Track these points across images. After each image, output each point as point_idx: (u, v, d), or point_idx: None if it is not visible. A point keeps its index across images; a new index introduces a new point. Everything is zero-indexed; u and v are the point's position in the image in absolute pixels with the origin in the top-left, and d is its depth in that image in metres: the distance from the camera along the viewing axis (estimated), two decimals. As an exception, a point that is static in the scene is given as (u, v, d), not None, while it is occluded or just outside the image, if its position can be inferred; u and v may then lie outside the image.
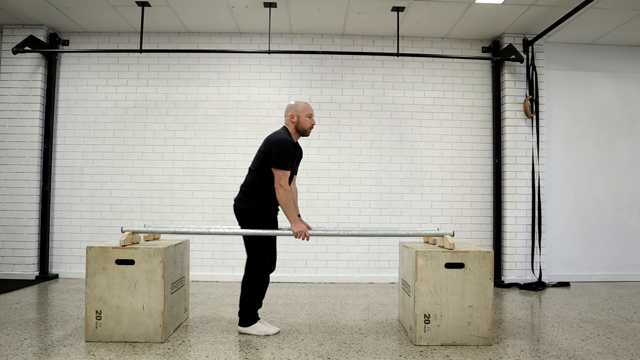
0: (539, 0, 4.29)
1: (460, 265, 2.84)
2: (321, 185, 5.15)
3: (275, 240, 3.20)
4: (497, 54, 5.18)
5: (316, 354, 2.67)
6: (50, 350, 2.65)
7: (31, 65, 5.03)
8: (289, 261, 5.07)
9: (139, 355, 2.60)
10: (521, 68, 5.10)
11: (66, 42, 5.19)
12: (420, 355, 2.66)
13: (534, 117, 5.05)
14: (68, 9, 4.62)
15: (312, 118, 3.09)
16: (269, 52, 4.83)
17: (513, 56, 4.79)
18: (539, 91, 5.08)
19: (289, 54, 5.17)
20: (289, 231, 2.94)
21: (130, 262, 2.82)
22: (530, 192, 5.05)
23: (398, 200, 5.19)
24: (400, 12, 4.63)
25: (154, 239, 3.30)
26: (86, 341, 2.80)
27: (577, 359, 2.62)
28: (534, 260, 4.98)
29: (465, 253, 2.85)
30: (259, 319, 3.06)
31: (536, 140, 5.05)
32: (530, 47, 5.04)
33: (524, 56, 5.05)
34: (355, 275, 5.11)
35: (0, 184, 5.00)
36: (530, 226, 5.02)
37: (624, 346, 2.86)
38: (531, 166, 5.06)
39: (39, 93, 5.03)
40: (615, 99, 5.35)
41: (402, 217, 5.18)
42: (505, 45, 5.04)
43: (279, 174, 2.89)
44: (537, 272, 4.96)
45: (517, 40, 5.09)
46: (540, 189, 5.03)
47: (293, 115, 3.05)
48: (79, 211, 5.13)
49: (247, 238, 2.99)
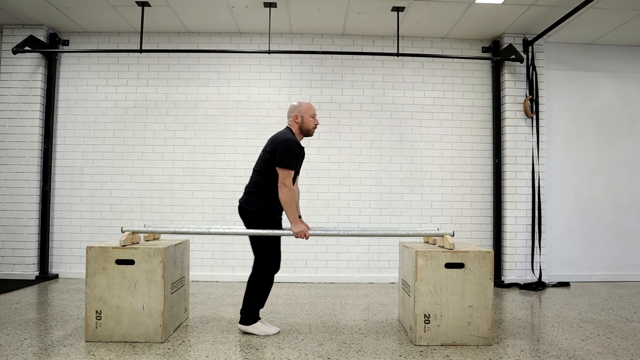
0: (539, 0, 4.29)
1: (460, 265, 2.84)
2: (321, 185, 5.15)
3: (280, 241, 3.20)
4: (497, 54, 5.18)
5: (316, 354, 2.67)
6: (50, 350, 2.65)
7: (31, 65, 5.03)
8: (289, 261, 5.07)
9: (139, 355, 2.60)
10: (521, 68, 5.10)
11: (66, 42, 5.19)
12: (420, 355, 2.66)
13: (534, 117, 5.05)
14: (68, 9, 4.63)
15: (316, 118, 3.12)
16: (269, 52, 4.83)
17: (513, 56, 4.79)
18: (539, 91, 5.08)
19: (289, 54, 5.17)
20: (289, 231, 2.94)
21: (130, 262, 2.82)
22: (530, 192, 5.05)
23: (398, 200, 5.19)
24: (400, 12, 4.63)
25: (154, 239, 3.30)
26: (86, 341, 2.81)
27: (577, 359, 2.62)
28: (534, 260, 4.98)
29: (465, 253, 2.85)
30: (260, 318, 3.07)
31: (536, 140, 5.05)
32: (530, 47, 5.04)
33: (524, 56, 5.05)
34: (355, 275, 5.11)
35: (0, 184, 5.00)
36: (530, 226, 5.02)
37: (624, 346, 2.86)
38: (531, 166, 5.06)
39: (39, 93, 5.03)
40: (615, 99, 5.35)
41: (402, 217, 5.18)
42: (505, 45, 5.04)
43: (283, 173, 2.89)
44: (537, 272, 4.96)
45: (517, 40, 5.09)
46: (540, 189, 5.03)
47: (297, 115, 3.06)
48: (79, 211, 5.13)
49: (255, 239, 2.99)
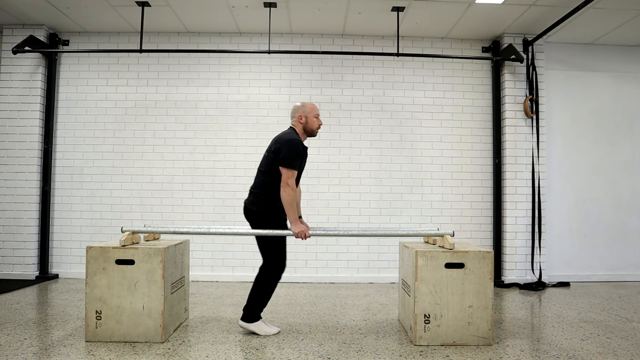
0: (539, 0, 4.29)
1: (460, 265, 2.84)
2: (321, 185, 5.15)
3: (286, 240, 3.21)
4: (497, 54, 5.18)
5: (316, 354, 2.67)
6: (50, 350, 2.65)
7: (31, 65, 5.03)
8: (289, 261, 5.07)
9: (139, 355, 2.60)
10: (521, 68, 5.10)
11: (66, 42, 5.19)
12: (420, 355, 2.66)
13: (534, 117, 5.05)
14: (68, 9, 4.63)
15: (319, 118, 3.12)
16: (269, 52, 4.83)
17: (513, 56, 4.79)
18: (539, 91, 5.08)
19: (289, 54, 5.17)
20: (289, 231, 2.94)
21: (130, 262, 2.82)
22: (530, 192, 5.05)
23: (398, 200, 5.19)
24: (400, 12, 4.63)
25: (154, 239, 3.30)
26: (86, 341, 2.80)
27: (577, 359, 2.62)
28: (534, 260, 4.98)
29: (465, 253, 2.85)
30: (261, 317, 3.07)
31: (536, 140, 5.05)
32: (530, 47, 5.04)
33: (524, 56, 5.05)
34: (355, 275, 5.11)
35: (0, 184, 5.00)
36: (530, 226, 5.02)
37: (624, 346, 2.86)
38: (531, 166, 5.06)
39: (39, 93, 5.03)
40: (615, 99, 5.35)
41: (402, 217, 5.18)
42: (505, 45, 5.04)
43: (287, 173, 2.89)
44: (537, 272, 4.96)
45: (517, 40, 5.09)
46: (540, 189, 5.03)
47: (301, 116, 3.06)
48: (79, 211, 5.13)
49: (262, 241, 2.99)
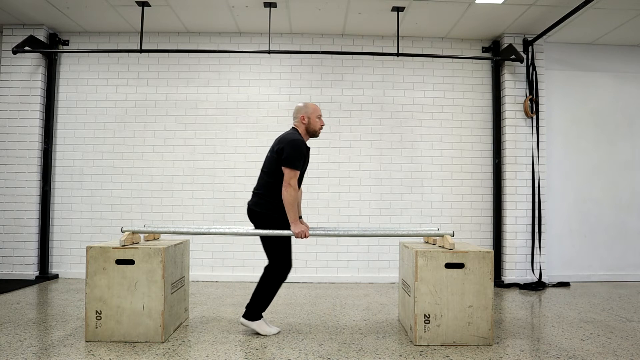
0: (539, 0, 4.29)
1: (460, 265, 2.84)
2: (321, 185, 5.15)
3: (291, 239, 3.20)
4: (497, 54, 5.18)
5: (316, 354, 2.67)
6: (50, 350, 2.65)
7: (31, 65, 5.03)
8: (289, 261, 5.06)
9: (139, 355, 2.60)
10: (521, 68, 5.10)
11: (66, 42, 5.20)
12: (420, 355, 2.66)
13: (534, 117, 5.05)
14: (68, 9, 4.63)
15: (322, 119, 3.13)
16: (269, 52, 4.83)
17: (513, 56, 4.79)
18: (539, 91, 5.08)
19: (289, 54, 5.17)
20: (289, 232, 2.94)
21: (130, 262, 2.82)
22: (530, 192, 5.05)
23: (398, 200, 5.19)
24: (400, 12, 4.63)
25: (154, 239, 3.30)
26: (86, 341, 2.80)
27: (577, 359, 2.62)
28: (534, 260, 4.98)
29: (465, 253, 2.85)
30: (262, 317, 3.07)
31: (536, 140, 5.05)
32: (530, 47, 5.04)
33: (524, 56, 5.05)
34: (355, 275, 5.11)
35: (0, 184, 5.00)
36: (530, 226, 5.02)
37: (624, 346, 2.86)
38: (531, 166, 5.06)
39: (39, 93, 5.03)
40: (615, 99, 5.35)
41: (402, 217, 5.18)
42: (505, 45, 5.04)
43: (289, 173, 2.89)
44: (537, 272, 4.96)
45: (517, 40, 5.09)
46: (540, 189, 5.03)
47: (304, 116, 3.07)
48: (79, 211, 5.13)
49: (268, 242, 2.99)
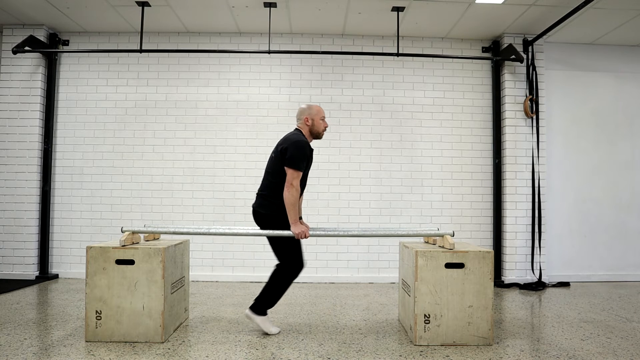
0: (539, 0, 4.29)
1: (460, 265, 2.84)
2: (321, 185, 5.15)
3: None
4: (497, 54, 5.18)
5: (316, 354, 2.67)
6: (50, 350, 2.65)
7: (31, 65, 5.03)
8: (289, 261, 5.06)
9: (139, 355, 2.60)
10: (521, 68, 5.10)
11: (66, 42, 5.19)
12: (420, 355, 2.66)
13: (534, 117, 5.05)
14: (68, 9, 4.63)
15: (325, 121, 3.13)
16: (269, 52, 4.83)
17: (513, 56, 4.79)
18: (539, 91, 5.08)
19: (289, 54, 5.17)
20: (289, 232, 2.93)
21: (130, 262, 2.82)
22: (530, 192, 5.05)
23: (398, 200, 5.19)
24: (400, 12, 4.63)
25: (154, 239, 3.30)
26: (86, 341, 2.81)
27: (577, 359, 2.62)
28: (534, 260, 4.98)
29: (465, 253, 2.85)
30: (267, 314, 3.07)
31: (536, 140, 5.05)
32: (530, 47, 5.04)
33: (524, 56, 5.05)
34: (355, 275, 5.11)
35: (0, 184, 5.00)
36: (530, 226, 5.02)
37: (624, 346, 2.86)
38: (531, 166, 5.06)
39: (39, 93, 5.03)
40: (615, 99, 5.35)
41: (402, 217, 5.18)
42: (505, 45, 5.04)
43: (292, 173, 2.88)
44: (537, 272, 4.96)
45: (517, 40, 5.09)
46: (540, 189, 5.03)
47: (307, 118, 3.07)
48: (79, 211, 5.13)
49: (276, 243, 2.99)
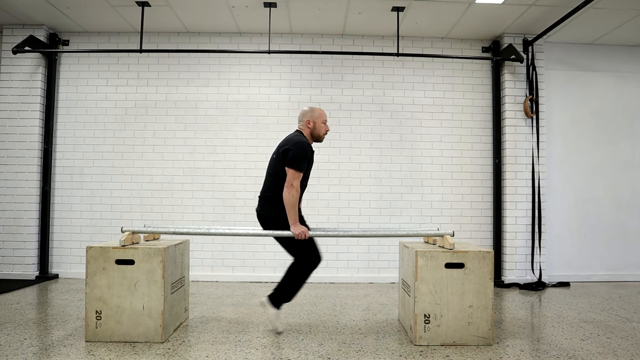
0: (539, 0, 4.29)
1: (460, 265, 2.84)
2: (321, 185, 5.15)
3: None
4: (497, 54, 5.18)
5: (316, 354, 2.67)
6: (50, 350, 2.65)
7: (31, 65, 5.03)
8: (289, 261, 5.01)
9: (139, 355, 2.60)
10: (521, 68, 5.10)
11: (66, 42, 5.19)
12: (420, 355, 2.66)
13: (534, 117, 5.05)
14: (68, 9, 4.63)
15: (327, 124, 3.14)
16: (269, 52, 4.83)
17: (513, 56, 4.79)
18: (539, 91, 5.08)
19: (289, 54, 5.17)
20: (289, 232, 2.93)
21: (130, 262, 2.82)
22: (530, 192, 5.05)
23: (398, 200, 5.18)
24: (400, 12, 4.63)
25: (154, 239, 3.30)
26: (86, 341, 2.81)
27: (577, 359, 2.62)
28: (534, 260, 4.98)
29: (465, 253, 2.85)
30: (281, 309, 3.06)
31: (536, 140, 5.05)
32: (530, 47, 5.04)
33: (524, 56, 5.05)
34: (355, 275, 5.11)
35: (0, 184, 5.00)
36: (530, 226, 5.02)
37: (624, 346, 2.86)
38: (531, 166, 5.06)
39: (39, 93, 5.03)
40: (615, 99, 5.35)
41: (402, 217, 5.18)
42: (505, 45, 5.04)
43: (293, 174, 2.88)
44: (537, 272, 4.96)
45: (517, 40, 5.09)
46: (540, 189, 5.03)
47: (309, 121, 3.07)
48: (79, 211, 5.13)
49: (287, 242, 2.98)
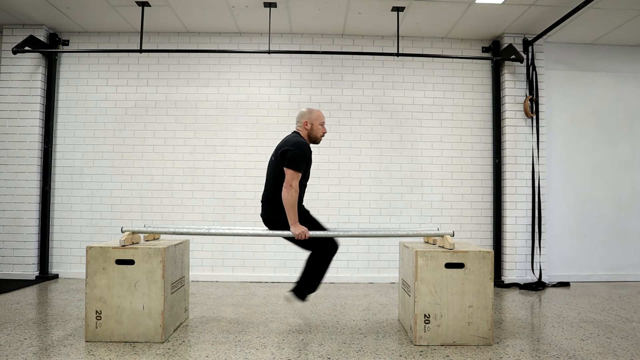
0: (539, 0, 4.29)
1: (460, 265, 2.84)
2: (321, 185, 5.15)
3: (318, 221, 3.13)
4: (497, 54, 5.18)
5: (316, 354, 2.67)
6: (50, 350, 2.65)
7: (31, 65, 5.03)
8: (289, 261, 5.07)
9: (139, 355, 2.60)
10: (521, 68, 5.10)
11: (66, 42, 5.19)
12: (420, 355, 2.66)
13: (534, 117, 5.05)
14: (68, 9, 4.63)
15: (324, 126, 3.14)
16: (269, 52, 4.83)
17: (513, 56, 4.79)
18: (539, 91, 5.08)
19: (289, 54, 5.17)
20: (289, 232, 2.94)
21: (130, 262, 2.82)
22: (530, 192, 5.05)
23: (398, 200, 5.18)
24: (400, 12, 4.63)
25: (154, 239, 3.30)
26: (86, 341, 2.81)
27: (577, 359, 2.62)
28: (534, 260, 4.98)
29: (465, 253, 2.85)
30: (307, 300, 3.04)
31: (536, 140, 5.05)
32: (530, 47, 5.04)
33: (524, 56, 5.05)
34: (355, 275, 5.11)
35: (0, 184, 5.00)
36: (530, 226, 5.02)
37: (624, 346, 2.86)
38: (531, 166, 5.06)
39: (39, 93, 5.03)
40: (615, 99, 5.35)
41: (402, 217, 5.18)
42: (505, 45, 5.04)
43: (292, 174, 2.88)
44: (537, 272, 4.96)
45: (517, 40, 5.09)
46: (540, 189, 5.03)
47: (307, 122, 3.07)
48: (79, 211, 5.13)
49: (299, 240, 2.97)
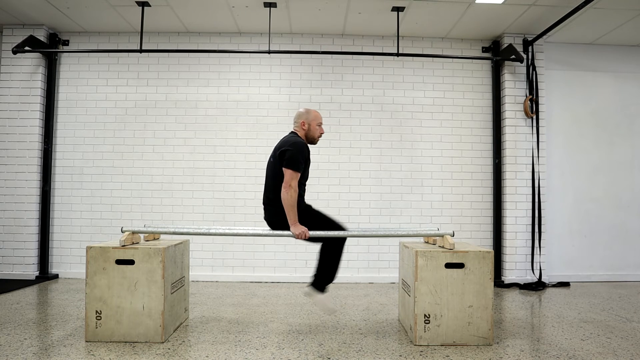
0: (539, 0, 4.29)
1: (460, 265, 2.84)
2: (321, 185, 5.15)
3: (322, 213, 3.11)
4: (497, 54, 5.18)
5: (316, 354, 2.67)
6: (50, 350, 2.65)
7: (31, 65, 5.03)
8: (289, 261, 5.07)
9: (139, 355, 2.60)
10: (521, 68, 5.10)
11: (66, 42, 5.19)
12: (420, 355, 2.66)
13: (534, 117, 5.05)
14: (68, 9, 4.63)
15: (322, 127, 3.13)
16: (269, 52, 4.83)
17: (513, 56, 4.79)
18: (539, 91, 5.08)
19: (289, 54, 5.17)
20: (289, 232, 2.93)
21: (130, 262, 2.82)
22: (530, 192, 5.05)
23: (398, 200, 5.18)
24: (400, 12, 4.63)
25: (154, 239, 3.30)
26: (86, 341, 2.81)
27: (577, 359, 2.62)
28: (534, 260, 4.98)
29: (465, 253, 2.85)
30: (327, 291, 3.02)
31: (536, 140, 5.05)
32: (530, 47, 5.04)
33: (524, 56, 5.05)
34: (355, 275, 5.11)
35: (0, 184, 5.00)
36: (530, 226, 5.02)
37: (624, 346, 2.86)
38: (531, 166, 5.06)
39: (39, 93, 5.03)
40: (615, 99, 5.35)
41: (402, 217, 5.18)
42: (505, 45, 5.04)
43: (291, 174, 2.88)
44: (537, 272, 4.96)
45: (517, 40, 5.09)
46: (540, 189, 5.03)
47: (304, 122, 3.07)
48: (79, 211, 5.13)
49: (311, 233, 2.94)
